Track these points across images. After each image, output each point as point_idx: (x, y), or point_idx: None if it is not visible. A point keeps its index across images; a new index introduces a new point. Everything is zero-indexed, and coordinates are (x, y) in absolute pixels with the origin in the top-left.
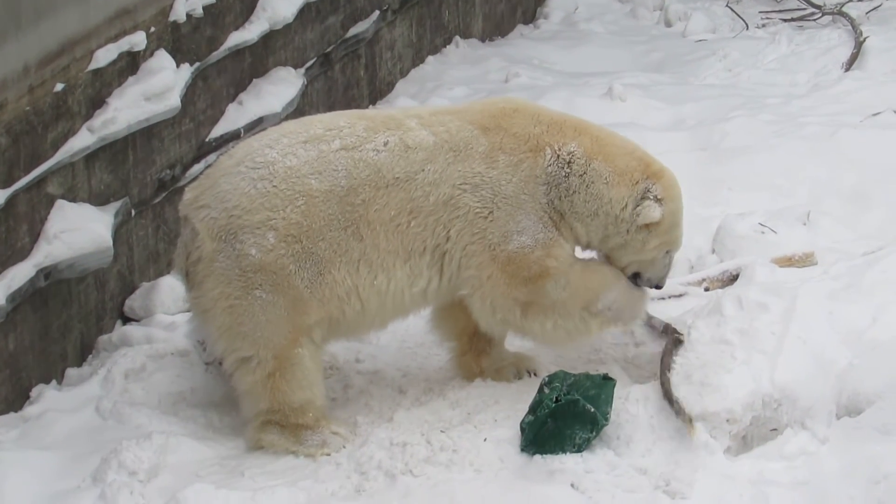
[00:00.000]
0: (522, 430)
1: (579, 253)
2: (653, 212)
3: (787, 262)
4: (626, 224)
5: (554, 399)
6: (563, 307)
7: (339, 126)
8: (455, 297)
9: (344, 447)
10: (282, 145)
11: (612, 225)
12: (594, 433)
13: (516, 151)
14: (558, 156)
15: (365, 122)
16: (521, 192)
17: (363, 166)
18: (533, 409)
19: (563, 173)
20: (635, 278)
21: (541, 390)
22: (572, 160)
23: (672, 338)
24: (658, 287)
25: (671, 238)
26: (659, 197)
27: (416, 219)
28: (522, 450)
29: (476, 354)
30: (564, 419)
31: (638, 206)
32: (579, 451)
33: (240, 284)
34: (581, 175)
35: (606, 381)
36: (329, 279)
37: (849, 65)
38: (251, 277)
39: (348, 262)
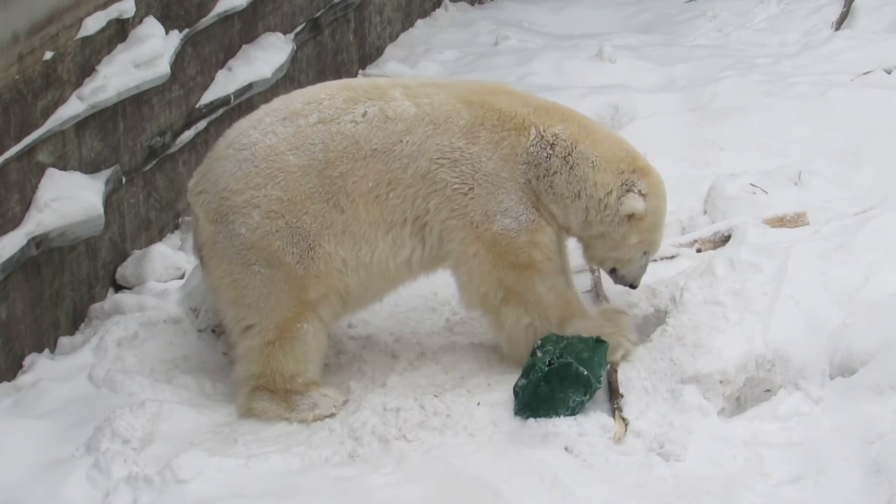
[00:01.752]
0: (516, 393)
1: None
2: (636, 203)
3: (779, 222)
4: (609, 211)
5: (547, 363)
6: (544, 310)
7: (318, 99)
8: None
9: (335, 408)
10: (264, 125)
11: (594, 209)
12: (588, 396)
13: (498, 128)
14: (542, 136)
15: (347, 92)
16: (501, 170)
17: (340, 138)
18: (526, 373)
19: (545, 154)
20: (612, 273)
21: (533, 353)
22: (556, 142)
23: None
24: (633, 286)
25: (651, 238)
26: (643, 192)
27: (395, 190)
28: (516, 413)
29: None
30: (558, 382)
31: (622, 196)
32: (573, 414)
33: (239, 261)
34: (564, 157)
35: (599, 344)
36: (321, 252)
37: (839, 24)
38: (246, 255)
39: (335, 235)
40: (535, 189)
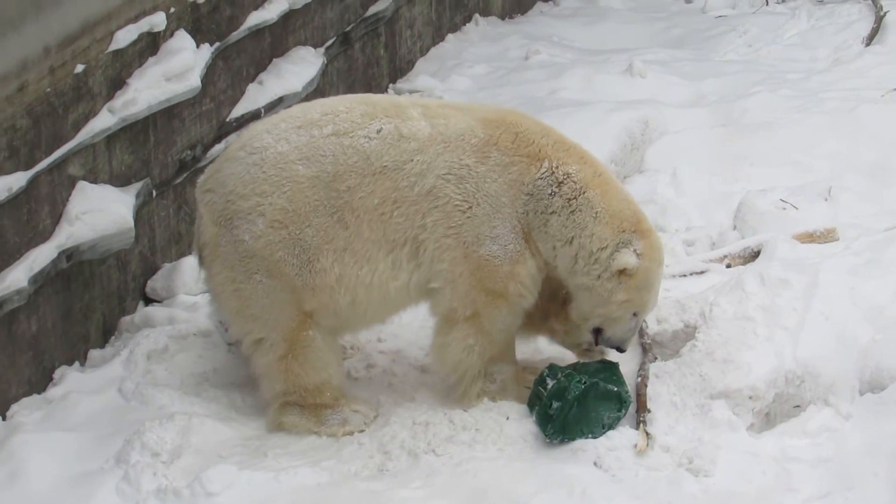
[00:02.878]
0: (548, 417)
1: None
2: (629, 258)
3: (809, 238)
4: (599, 266)
5: (582, 381)
6: (489, 342)
7: (336, 111)
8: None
9: (365, 424)
10: (279, 130)
11: (583, 259)
12: (622, 411)
13: (511, 152)
14: (553, 171)
15: (365, 107)
16: (503, 194)
17: (351, 152)
18: (555, 396)
19: (550, 191)
20: (596, 334)
21: (541, 382)
22: (565, 181)
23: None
24: (620, 350)
25: (640, 300)
26: (639, 252)
27: (399, 209)
28: (550, 437)
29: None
30: (588, 402)
31: (616, 251)
32: (609, 429)
33: (241, 269)
34: (569, 199)
35: (608, 364)
36: (318, 267)
37: (869, 39)
38: (248, 263)
39: (335, 251)
40: (530, 223)
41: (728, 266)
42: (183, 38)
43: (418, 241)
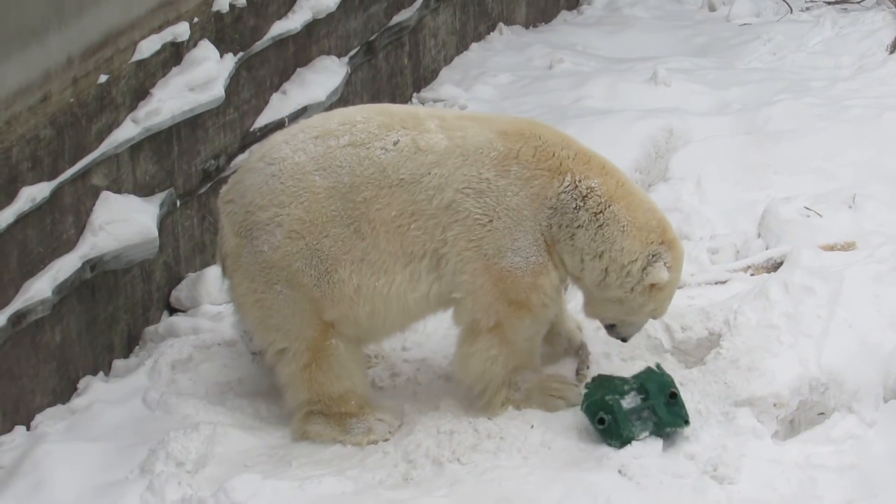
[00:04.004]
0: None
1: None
2: (662, 274)
3: (829, 249)
4: (632, 279)
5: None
6: (513, 353)
7: (354, 121)
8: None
9: (390, 433)
10: (297, 141)
11: (615, 273)
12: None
13: (532, 166)
14: (576, 185)
15: (383, 118)
16: (525, 207)
17: (368, 164)
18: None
19: (574, 205)
20: (609, 328)
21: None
22: (589, 195)
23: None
24: (624, 340)
25: (664, 307)
26: (668, 265)
27: (417, 222)
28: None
29: None
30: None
31: (649, 265)
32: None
33: (262, 279)
34: (595, 213)
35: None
36: (336, 278)
37: (893, 47)
38: (269, 273)
39: (353, 261)
40: (554, 236)
41: (752, 275)
42: (206, 48)
43: (439, 254)
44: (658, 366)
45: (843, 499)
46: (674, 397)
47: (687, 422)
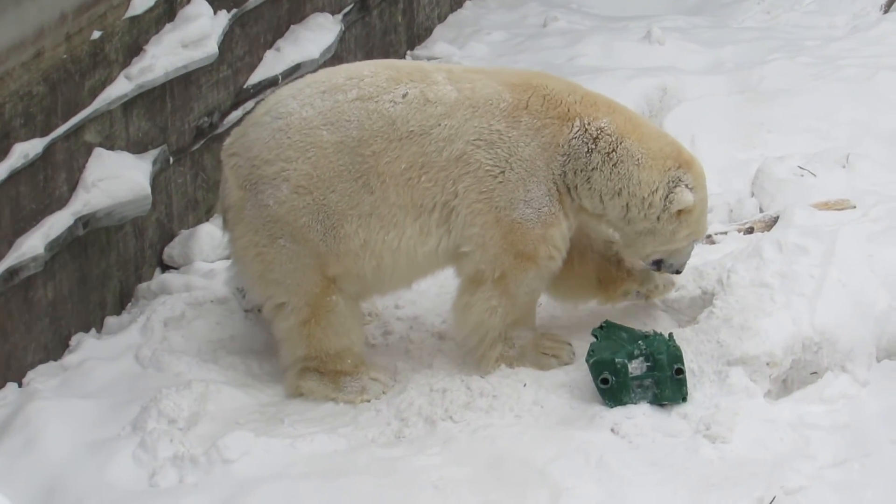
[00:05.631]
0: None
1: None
2: (686, 196)
3: (824, 207)
4: (655, 210)
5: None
6: (512, 305)
7: (361, 75)
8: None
9: (383, 393)
10: (303, 96)
11: (636, 207)
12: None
13: (542, 115)
14: (586, 129)
15: (390, 72)
16: (538, 157)
17: (377, 117)
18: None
19: (587, 148)
20: (657, 264)
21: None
22: (600, 136)
23: None
24: (678, 272)
25: (699, 228)
26: (690, 186)
27: (427, 174)
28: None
29: (620, 282)
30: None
31: (671, 193)
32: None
33: (265, 233)
34: (608, 153)
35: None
36: (342, 233)
37: (888, 6)
38: (272, 227)
39: (360, 216)
40: (570, 182)
41: (750, 230)
42: (200, 5)
43: (449, 206)
44: (671, 335)
45: (836, 458)
46: (679, 373)
47: (685, 399)
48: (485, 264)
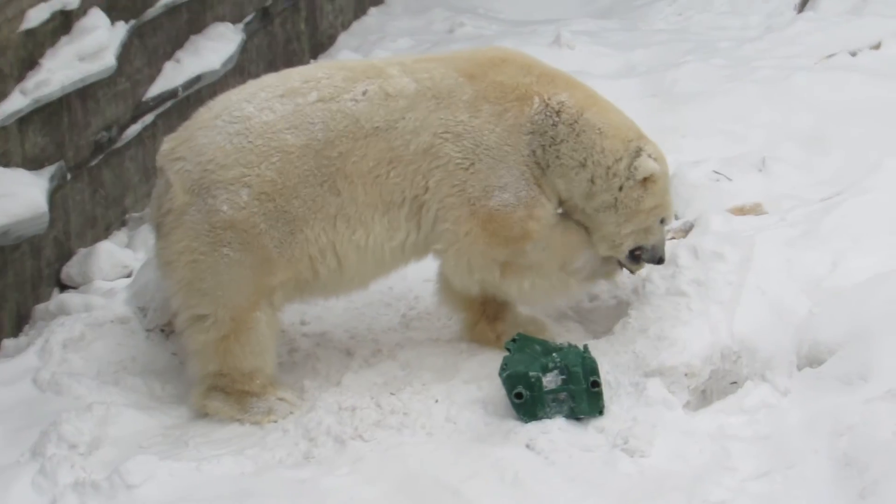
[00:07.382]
0: (595, 395)
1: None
2: (650, 164)
3: (739, 212)
4: (618, 179)
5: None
6: (540, 267)
7: (316, 78)
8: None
9: (291, 413)
10: (259, 99)
11: (600, 178)
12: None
13: (501, 100)
14: (547, 104)
15: (344, 72)
16: (504, 142)
17: (341, 117)
18: (595, 374)
19: (551, 122)
20: (635, 257)
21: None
22: (562, 109)
23: None
24: (660, 261)
25: (665, 202)
26: (653, 156)
27: (396, 168)
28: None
29: (490, 321)
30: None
31: (634, 160)
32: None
33: (207, 240)
34: (571, 124)
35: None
36: (301, 238)
37: (801, 6)
38: (220, 234)
39: (324, 219)
40: (542, 160)
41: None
42: (97, 16)
43: (419, 201)
44: (586, 347)
45: (758, 470)
46: (595, 386)
47: (602, 412)
48: (479, 272)
